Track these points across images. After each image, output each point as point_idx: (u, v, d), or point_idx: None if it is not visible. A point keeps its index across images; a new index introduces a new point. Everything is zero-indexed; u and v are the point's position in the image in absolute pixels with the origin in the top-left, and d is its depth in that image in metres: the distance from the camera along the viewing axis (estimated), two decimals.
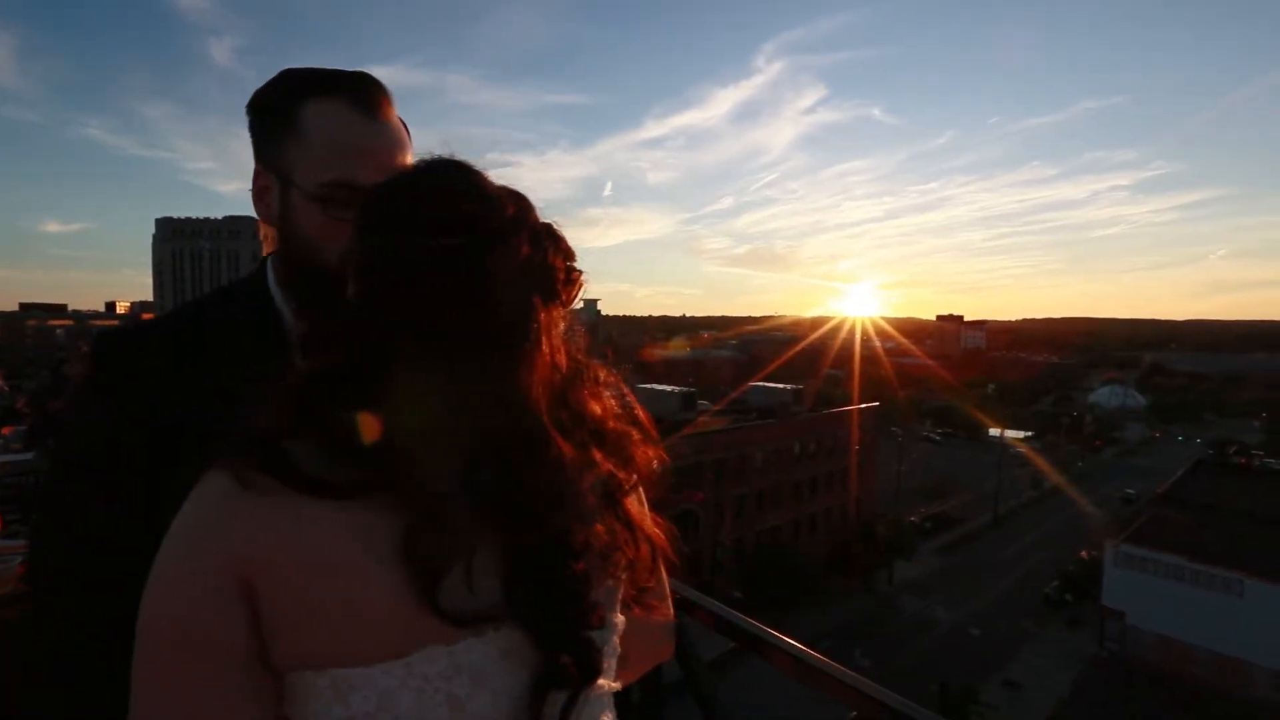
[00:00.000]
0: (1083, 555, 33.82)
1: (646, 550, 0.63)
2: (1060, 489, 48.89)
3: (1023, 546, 39.11)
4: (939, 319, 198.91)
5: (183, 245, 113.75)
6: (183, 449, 0.56)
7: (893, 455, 42.76)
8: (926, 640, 28.29)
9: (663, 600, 0.75)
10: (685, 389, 38.44)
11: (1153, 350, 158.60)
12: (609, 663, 0.61)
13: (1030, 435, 67.30)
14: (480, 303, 0.52)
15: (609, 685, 0.62)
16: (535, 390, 0.54)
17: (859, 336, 78.47)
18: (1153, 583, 25.72)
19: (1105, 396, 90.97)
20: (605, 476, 0.61)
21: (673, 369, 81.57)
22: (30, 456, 6.72)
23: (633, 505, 0.64)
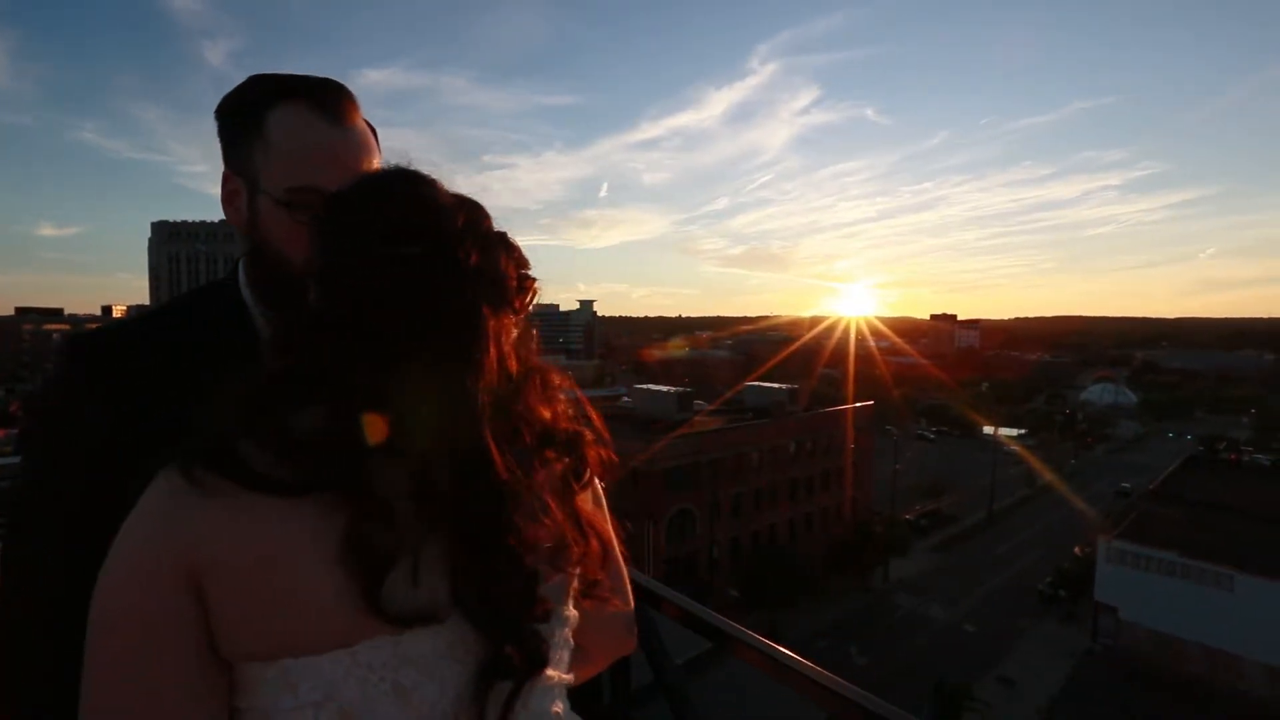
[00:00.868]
0: (1076, 552, 34.10)
1: (597, 545, 0.66)
2: (1053, 486, 49.31)
3: (1017, 543, 39.41)
4: (933, 318, 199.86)
5: (178, 248, 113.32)
6: (151, 450, 0.58)
7: (888, 454, 42.99)
8: (922, 637, 28.49)
9: (617, 594, 0.78)
10: (682, 389, 38.57)
11: (1144, 348, 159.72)
12: (560, 654, 0.64)
13: (1024, 433, 67.73)
14: (430, 310, 0.55)
15: (559, 676, 0.64)
16: (483, 394, 0.56)
17: (854, 336, 78.94)
18: (1145, 578, 26.00)
19: (1097, 394, 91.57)
20: (557, 475, 0.64)
21: (669, 369, 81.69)
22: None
23: (584, 503, 0.67)
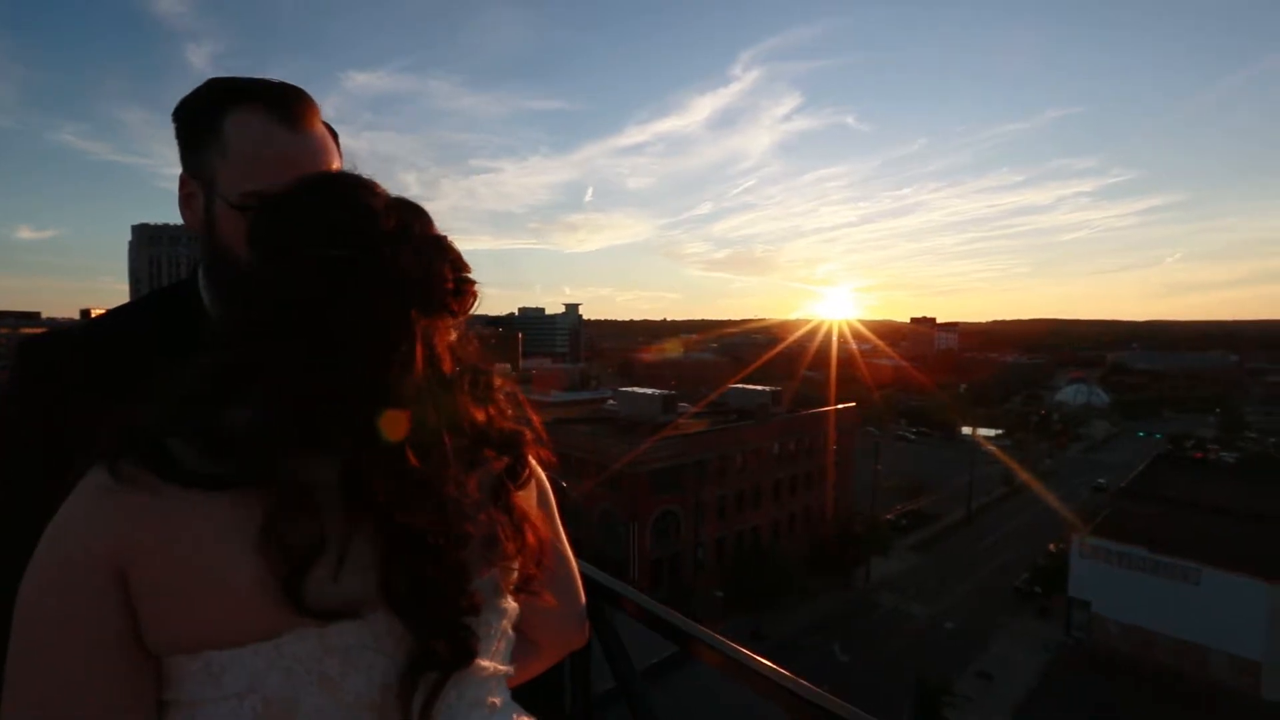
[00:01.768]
0: (1051, 549, 34.89)
1: (533, 541, 0.68)
2: (1030, 485, 50.38)
3: (995, 541, 40.19)
4: (913, 321, 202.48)
5: (160, 252, 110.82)
6: (85, 449, 0.58)
7: (869, 454, 43.59)
8: (903, 634, 28.94)
9: (561, 589, 0.80)
10: (666, 392, 38.83)
11: (1115, 350, 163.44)
12: (495, 646, 0.66)
13: (1001, 433, 69.07)
14: (357, 312, 0.56)
15: (494, 667, 0.66)
16: (411, 393, 0.58)
17: (836, 339, 79.78)
18: (1116, 573, 26.73)
19: (1071, 395, 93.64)
20: (494, 473, 0.67)
21: (654, 371, 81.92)
22: None
23: (522, 499, 0.69)
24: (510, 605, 0.68)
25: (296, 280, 0.57)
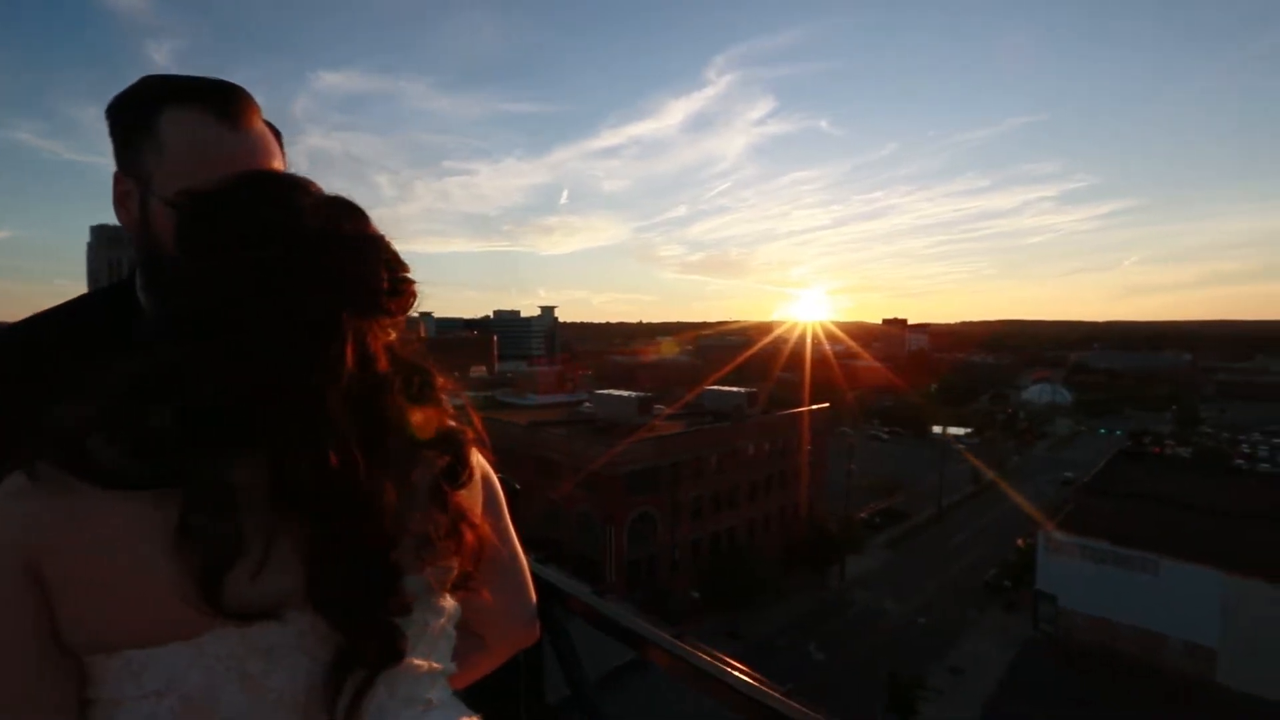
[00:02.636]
0: (1019, 544, 35.74)
1: (472, 539, 0.68)
2: (998, 482, 51.58)
3: (965, 538, 41.01)
4: (885, 322, 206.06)
5: (119, 254, 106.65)
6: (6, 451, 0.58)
7: (843, 454, 44.15)
8: (877, 631, 29.36)
9: (506, 587, 0.81)
10: (642, 394, 38.82)
11: (1077, 350, 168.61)
12: (432, 645, 0.67)
13: (970, 432, 70.58)
14: (283, 312, 0.56)
15: (429, 665, 0.66)
16: (339, 393, 0.57)
17: (810, 340, 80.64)
18: (1080, 566, 27.50)
19: (1036, 394, 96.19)
20: (433, 472, 0.66)
21: (630, 374, 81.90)
22: None
23: (462, 498, 0.69)
24: (448, 604, 0.68)
25: (221, 280, 0.57)
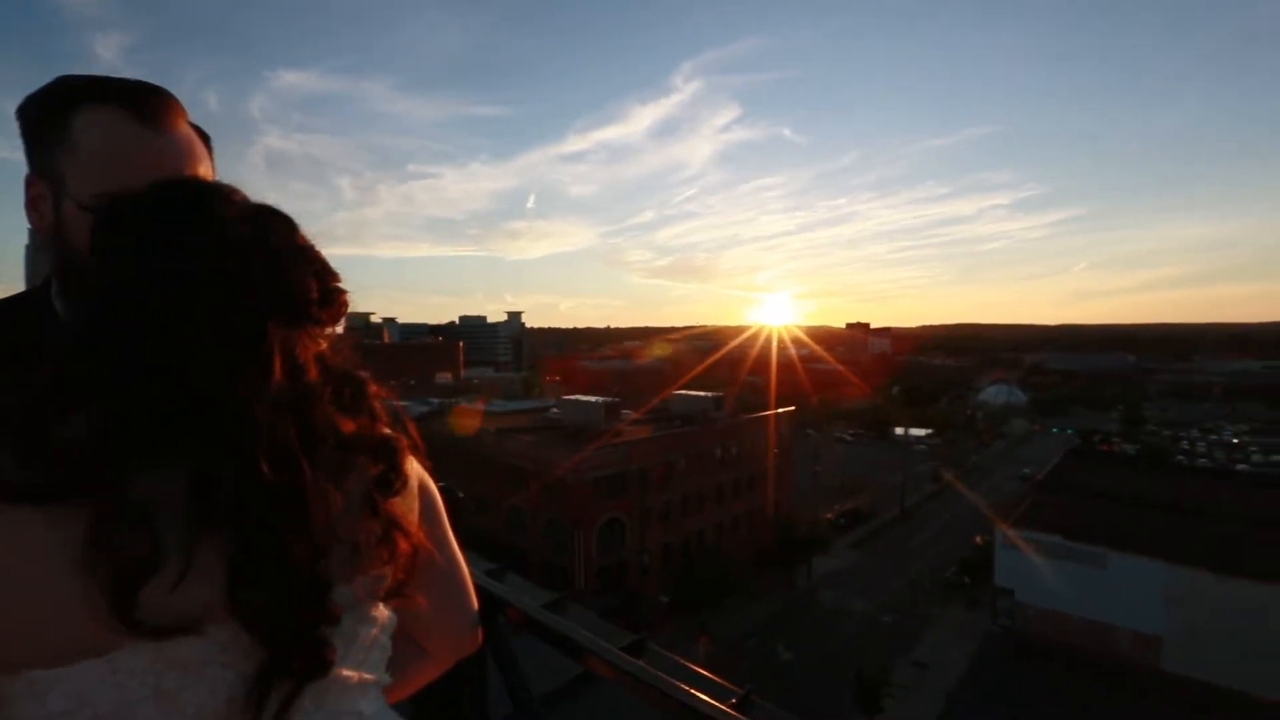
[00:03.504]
0: (978, 541, 36.75)
1: (405, 547, 0.68)
2: (958, 481, 53.04)
3: (927, 536, 41.99)
4: (849, 326, 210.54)
5: None
6: None
7: (809, 456, 44.83)
8: (844, 629, 29.86)
9: (443, 593, 0.81)
10: (609, 399, 38.74)
11: (1031, 352, 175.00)
12: (363, 655, 0.65)
13: (931, 432, 72.45)
14: (205, 324, 0.54)
15: (360, 676, 0.64)
16: (265, 403, 0.55)
17: (775, 344, 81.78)
18: (1035, 562, 28.45)
19: (993, 395, 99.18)
20: (366, 481, 0.65)
21: (598, 379, 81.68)
22: None
23: (396, 506, 0.68)
24: (382, 613, 0.67)
25: (139, 290, 0.55)
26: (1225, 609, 24.01)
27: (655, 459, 31.90)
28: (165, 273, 0.55)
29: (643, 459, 31.24)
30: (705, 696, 0.95)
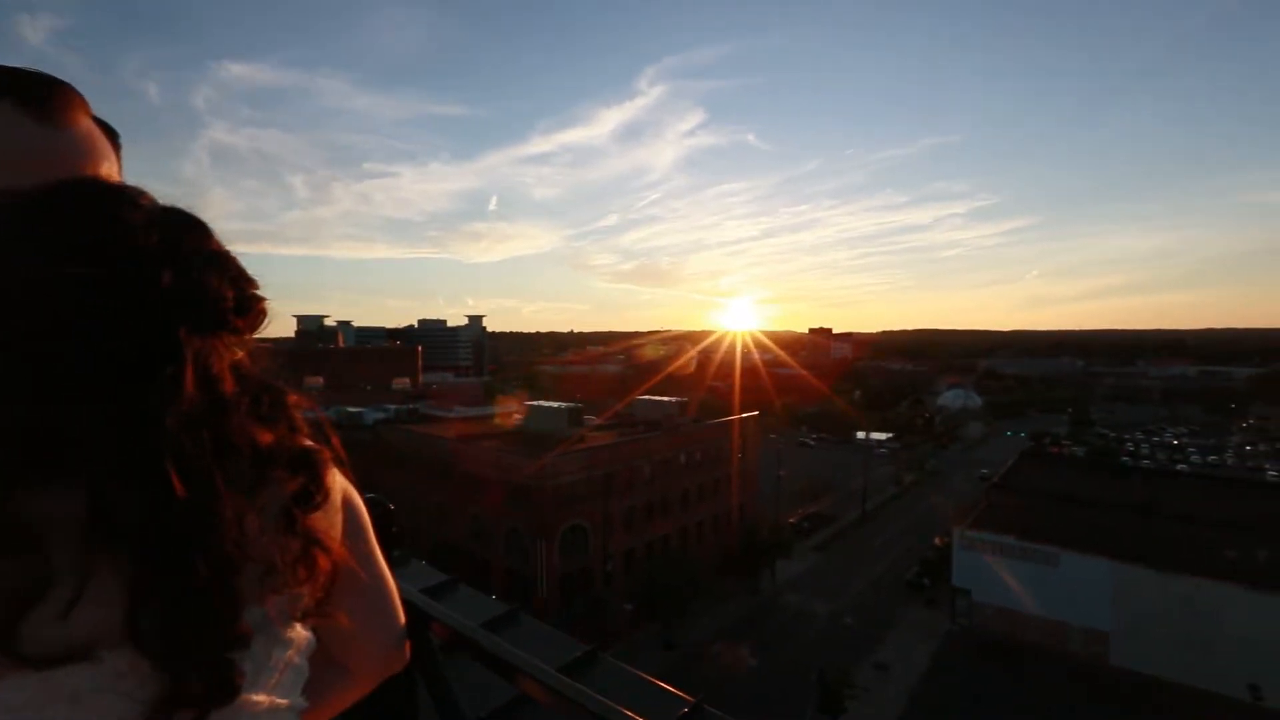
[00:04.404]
0: (937, 542, 37.55)
1: (325, 564, 0.64)
2: (918, 483, 54.22)
3: (888, 538, 42.69)
4: (811, 332, 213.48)
5: None
6: None
7: (772, 460, 45.12)
8: (807, 632, 30.00)
9: (367, 609, 0.76)
10: (572, 405, 38.26)
11: (986, 357, 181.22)
12: (275, 678, 0.61)
13: (892, 436, 74.01)
14: (107, 335, 0.51)
15: (271, 701, 0.61)
16: (174, 417, 0.52)
17: (739, 349, 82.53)
18: (991, 561, 29.14)
19: (951, 399, 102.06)
20: (284, 496, 0.62)
21: (558, 384, 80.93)
22: None
23: (317, 521, 0.65)
24: (298, 634, 0.64)
25: (32, 300, 0.50)
26: (1166, 605, 24.94)
27: (619, 465, 31.57)
28: (63, 281, 0.51)
29: (606, 465, 30.89)
30: None
